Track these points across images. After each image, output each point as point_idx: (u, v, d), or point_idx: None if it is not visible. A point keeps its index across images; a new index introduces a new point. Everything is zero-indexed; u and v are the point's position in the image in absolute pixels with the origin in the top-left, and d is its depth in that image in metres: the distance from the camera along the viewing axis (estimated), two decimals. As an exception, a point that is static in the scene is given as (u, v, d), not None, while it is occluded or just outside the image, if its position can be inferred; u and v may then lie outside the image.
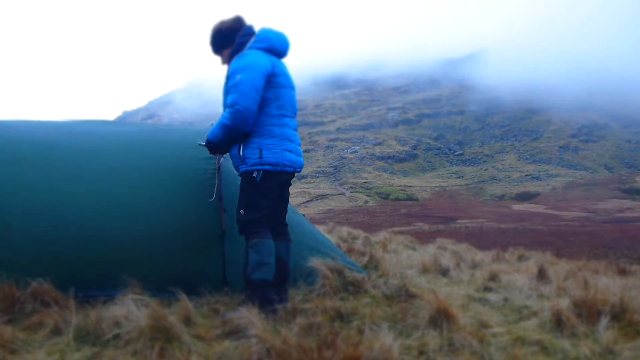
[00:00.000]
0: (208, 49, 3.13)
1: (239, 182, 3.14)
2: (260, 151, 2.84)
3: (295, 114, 3.06)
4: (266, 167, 2.83)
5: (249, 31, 3.01)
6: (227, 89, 2.87)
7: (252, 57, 2.84)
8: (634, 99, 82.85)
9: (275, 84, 2.90)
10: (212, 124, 4.04)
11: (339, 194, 56.62)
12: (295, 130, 3.04)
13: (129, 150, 3.50)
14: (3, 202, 2.91)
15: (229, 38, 3.03)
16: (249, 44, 2.94)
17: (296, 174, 3.07)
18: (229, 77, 2.89)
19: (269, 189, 2.89)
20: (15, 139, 3.34)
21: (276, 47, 2.99)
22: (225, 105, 2.87)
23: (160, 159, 3.47)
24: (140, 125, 4.24)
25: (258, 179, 2.84)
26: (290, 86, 3.02)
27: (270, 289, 2.83)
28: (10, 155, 3.17)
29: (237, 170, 2.99)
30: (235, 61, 2.87)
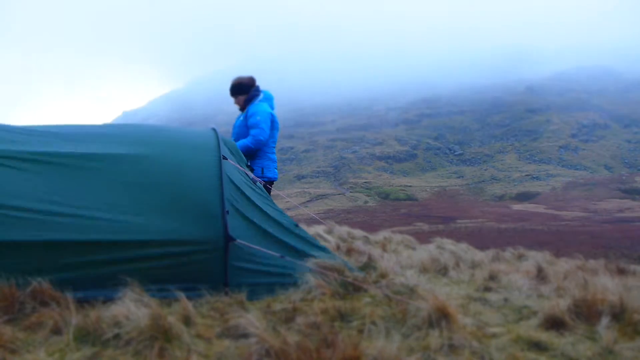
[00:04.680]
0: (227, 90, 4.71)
1: (239, 184, 3.14)
2: (262, 169, 4.55)
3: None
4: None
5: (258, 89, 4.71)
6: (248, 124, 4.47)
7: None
8: (634, 99, 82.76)
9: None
10: (212, 127, 4.09)
11: (339, 194, 56.60)
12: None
13: (129, 150, 3.50)
14: (4, 203, 2.91)
15: (245, 90, 4.70)
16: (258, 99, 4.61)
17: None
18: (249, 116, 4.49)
19: None
20: (16, 143, 3.35)
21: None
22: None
23: (161, 160, 3.47)
24: (140, 126, 4.28)
25: None
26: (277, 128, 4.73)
27: None
28: (11, 157, 3.17)
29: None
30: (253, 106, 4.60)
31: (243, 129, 4.51)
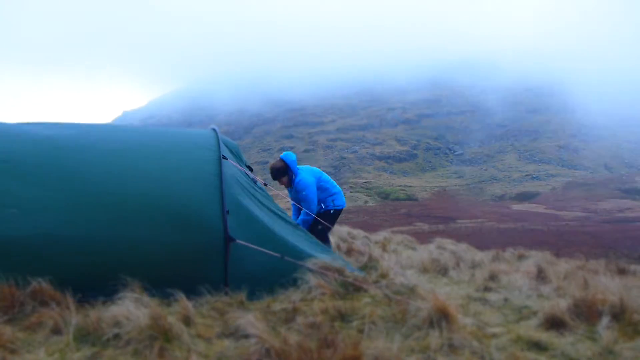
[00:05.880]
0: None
1: (239, 184, 3.15)
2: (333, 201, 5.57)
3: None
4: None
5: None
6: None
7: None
8: (634, 99, 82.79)
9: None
10: (212, 127, 4.10)
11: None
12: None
13: (131, 151, 3.50)
14: (4, 202, 2.91)
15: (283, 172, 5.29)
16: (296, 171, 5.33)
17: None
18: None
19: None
20: (17, 141, 3.35)
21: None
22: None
23: (161, 160, 3.47)
24: (142, 127, 4.30)
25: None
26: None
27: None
28: (12, 156, 3.17)
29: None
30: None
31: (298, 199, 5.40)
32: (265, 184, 4.50)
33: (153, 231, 3.09)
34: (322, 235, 5.32)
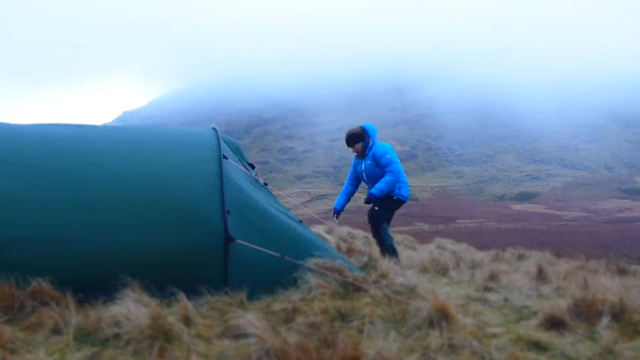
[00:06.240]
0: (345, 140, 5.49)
1: (240, 183, 3.15)
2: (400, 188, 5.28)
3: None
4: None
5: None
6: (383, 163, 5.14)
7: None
8: (634, 99, 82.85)
9: None
10: (212, 127, 4.09)
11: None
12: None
13: (130, 151, 3.51)
14: (4, 203, 2.91)
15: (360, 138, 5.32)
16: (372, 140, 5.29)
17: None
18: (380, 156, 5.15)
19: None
20: (16, 141, 3.35)
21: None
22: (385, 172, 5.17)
23: (161, 160, 3.47)
24: (142, 127, 4.30)
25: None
26: None
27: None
28: (11, 156, 3.17)
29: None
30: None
31: (376, 169, 5.17)
32: (265, 184, 4.50)
33: (153, 231, 3.09)
34: (379, 220, 5.08)
